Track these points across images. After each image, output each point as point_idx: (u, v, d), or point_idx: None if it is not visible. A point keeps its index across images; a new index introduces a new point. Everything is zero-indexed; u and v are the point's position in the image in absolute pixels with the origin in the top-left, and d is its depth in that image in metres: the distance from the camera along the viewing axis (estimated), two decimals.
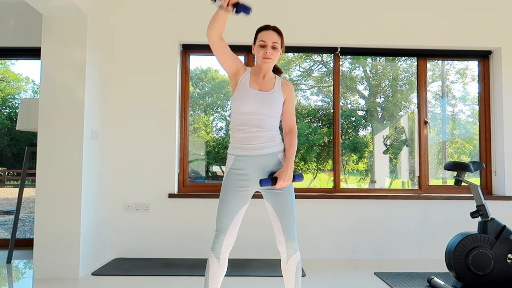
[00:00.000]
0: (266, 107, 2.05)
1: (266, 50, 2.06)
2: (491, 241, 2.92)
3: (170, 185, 3.92)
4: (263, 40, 2.07)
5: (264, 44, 2.07)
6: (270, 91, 2.09)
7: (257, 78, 2.12)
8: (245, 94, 2.06)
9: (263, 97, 2.06)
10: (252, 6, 1.94)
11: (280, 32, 2.12)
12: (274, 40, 2.07)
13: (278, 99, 2.10)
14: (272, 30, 2.09)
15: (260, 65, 2.11)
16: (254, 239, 3.89)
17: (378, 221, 3.96)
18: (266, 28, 2.10)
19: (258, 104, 2.05)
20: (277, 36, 2.09)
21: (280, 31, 2.12)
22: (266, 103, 2.05)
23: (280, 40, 2.11)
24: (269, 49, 2.06)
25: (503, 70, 4.06)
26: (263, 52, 2.06)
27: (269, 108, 2.06)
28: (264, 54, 2.06)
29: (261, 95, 2.06)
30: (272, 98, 2.08)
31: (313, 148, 5.13)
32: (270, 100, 2.07)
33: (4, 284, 3.07)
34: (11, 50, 4.27)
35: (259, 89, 2.09)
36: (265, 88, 2.10)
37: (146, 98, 3.96)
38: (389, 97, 5.33)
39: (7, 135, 22.15)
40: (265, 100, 2.06)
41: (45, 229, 3.22)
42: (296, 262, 2.05)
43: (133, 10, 4.01)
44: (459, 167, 3.07)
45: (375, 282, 3.14)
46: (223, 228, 2.05)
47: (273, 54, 2.07)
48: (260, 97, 2.06)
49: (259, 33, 2.12)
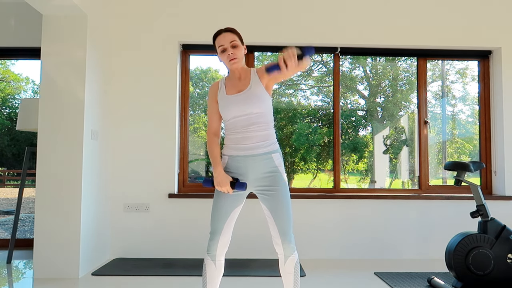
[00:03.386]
0: (249, 105, 2.04)
1: (228, 52, 2.06)
2: (491, 241, 2.92)
3: (170, 185, 3.92)
4: (221, 45, 2.08)
5: (224, 48, 2.07)
6: (247, 88, 2.07)
7: (233, 81, 2.12)
8: (225, 104, 2.08)
9: (241, 98, 2.05)
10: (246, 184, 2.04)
11: (234, 30, 2.12)
12: (231, 39, 2.07)
13: (259, 91, 2.06)
14: (225, 32, 2.10)
15: (231, 69, 2.12)
16: (253, 239, 3.89)
17: (378, 221, 3.96)
18: (218, 33, 2.11)
19: (240, 107, 2.04)
20: (232, 35, 2.09)
21: (233, 29, 2.12)
22: (247, 102, 2.04)
23: (237, 37, 2.10)
24: (230, 49, 2.06)
25: (503, 70, 4.06)
26: (227, 55, 2.07)
27: (252, 106, 2.04)
28: (228, 57, 2.06)
29: (238, 97, 2.06)
30: (251, 94, 2.05)
31: (313, 148, 5.14)
32: (250, 97, 2.04)
33: (4, 284, 3.07)
34: (11, 50, 4.27)
35: (236, 92, 2.08)
36: (242, 87, 2.09)
37: (146, 98, 3.96)
38: (389, 97, 5.33)
39: (7, 135, 22.16)
40: (245, 100, 2.04)
41: (45, 229, 3.22)
42: (294, 263, 2.05)
43: (133, 10, 4.01)
44: (459, 167, 3.07)
45: (375, 282, 3.14)
46: (217, 230, 2.05)
47: (236, 53, 2.07)
48: (238, 99, 2.05)
49: (215, 40, 2.12)
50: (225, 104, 2.08)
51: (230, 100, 2.07)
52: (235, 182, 2.02)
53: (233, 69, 2.11)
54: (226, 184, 2.01)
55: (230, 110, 2.06)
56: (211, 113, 2.18)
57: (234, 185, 2.02)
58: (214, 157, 2.09)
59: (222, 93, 2.11)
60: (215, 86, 2.18)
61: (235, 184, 2.02)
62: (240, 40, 2.12)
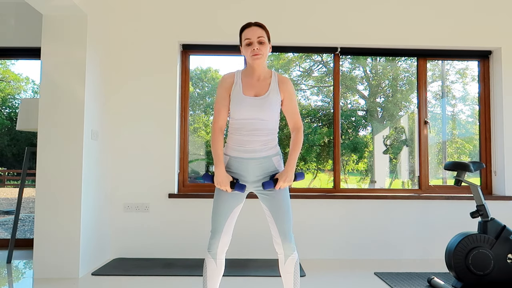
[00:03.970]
0: (261, 112, 2.02)
1: (254, 47, 2.01)
2: (491, 241, 2.92)
3: (170, 185, 3.92)
4: (248, 38, 2.03)
5: (250, 42, 2.03)
6: (265, 94, 2.04)
7: (251, 80, 2.08)
8: (239, 102, 2.03)
9: (257, 103, 2.02)
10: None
11: (263, 26, 2.07)
12: (259, 35, 2.03)
13: (274, 101, 2.05)
14: (254, 26, 2.05)
15: (251, 64, 2.07)
16: (253, 239, 3.89)
17: (378, 221, 3.96)
18: (248, 26, 2.06)
19: (253, 111, 2.02)
20: (261, 30, 2.05)
21: (263, 25, 2.07)
22: (261, 108, 2.02)
23: (266, 34, 2.06)
24: (256, 45, 2.02)
25: (503, 70, 4.06)
26: (251, 49, 2.02)
27: (264, 113, 2.02)
28: (253, 51, 2.01)
29: (255, 101, 2.02)
30: (267, 102, 2.03)
31: (313, 148, 5.14)
32: (265, 105, 2.02)
33: (4, 284, 3.07)
34: (11, 50, 4.27)
35: (254, 95, 2.05)
36: (260, 91, 2.05)
37: (146, 98, 3.96)
38: (389, 97, 5.33)
39: (7, 135, 22.17)
40: (260, 106, 2.02)
41: (45, 229, 3.22)
42: (294, 262, 2.05)
43: (133, 10, 4.01)
44: (459, 167, 3.07)
45: (375, 282, 3.14)
46: (218, 229, 2.05)
47: (261, 49, 2.02)
48: (254, 103, 2.02)
49: (242, 32, 2.07)
50: (239, 104, 2.03)
51: (246, 102, 2.03)
52: (235, 183, 2.03)
53: (254, 65, 2.05)
54: (226, 184, 2.01)
55: (243, 111, 2.03)
56: (220, 106, 2.08)
57: (233, 186, 2.02)
58: (218, 155, 2.04)
59: (238, 90, 2.06)
60: (230, 78, 2.10)
61: (235, 184, 2.02)
62: (268, 38, 2.07)
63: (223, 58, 4.58)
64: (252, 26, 2.05)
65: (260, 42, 2.03)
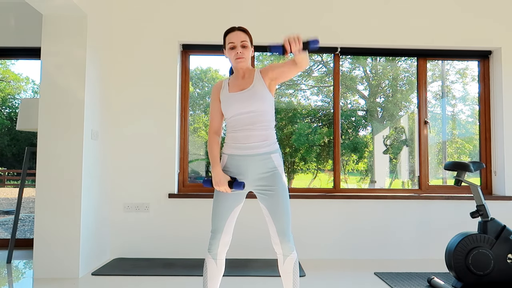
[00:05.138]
0: (251, 104, 2.05)
1: (237, 50, 2.08)
2: (491, 241, 2.92)
3: (170, 185, 3.92)
4: (231, 42, 2.10)
5: (233, 46, 2.09)
6: (250, 87, 2.09)
7: (236, 80, 2.15)
8: (227, 100, 2.10)
9: (244, 97, 2.06)
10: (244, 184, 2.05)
11: (246, 30, 2.14)
12: (242, 39, 2.09)
13: (260, 90, 2.07)
14: (238, 31, 2.12)
15: (235, 67, 2.14)
16: (253, 239, 3.89)
17: (378, 221, 3.96)
18: (231, 30, 2.13)
19: (242, 104, 2.05)
20: (245, 35, 2.11)
21: (246, 29, 2.14)
22: (250, 101, 2.05)
23: (248, 38, 2.13)
24: (240, 48, 2.09)
25: (503, 70, 4.06)
26: (235, 53, 2.09)
27: (254, 105, 2.05)
28: (236, 55, 2.09)
29: (241, 95, 2.07)
30: (254, 93, 2.06)
31: (313, 148, 5.14)
32: (253, 96, 2.06)
33: (4, 284, 3.07)
34: (11, 50, 4.27)
35: (239, 90, 2.10)
36: (245, 86, 2.11)
37: (146, 98, 3.96)
38: (389, 97, 5.33)
39: (7, 135, 22.17)
40: (248, 98, 2.06)
41: (45, 229, 3.22)
42: (293, 262, 2.05)
43: (133, 10, 4.01)
44: (459, 167, 3.07)
45: (375, 282, 3.14)
46: (218, 229, 2.06)
47: (244, 53, 2.09)
48: (241, 98, 2.07)
49: (226, 36, 2.14)
50: (227, 102, 2.09)
51: (233, 98, 2.08)
52: (233, 182, 2.03)
53: (238, 67, 2.13)
54: (224, 183, 2.02)
55: (232, 107, 2.07)
56: (213, 112, 2.19)
57: (232, 185, 2.03)
58: (213, 156, 2.11)
59: (225, 91, 2.13)
60: (219, 85, 2.20)
61: (233, 183, 2.03)
62: (250, 42, 2.15)
63: (223, 58, 4.58)
64: (236, 31, 2.12)
65: (243, 46, 2.10)
